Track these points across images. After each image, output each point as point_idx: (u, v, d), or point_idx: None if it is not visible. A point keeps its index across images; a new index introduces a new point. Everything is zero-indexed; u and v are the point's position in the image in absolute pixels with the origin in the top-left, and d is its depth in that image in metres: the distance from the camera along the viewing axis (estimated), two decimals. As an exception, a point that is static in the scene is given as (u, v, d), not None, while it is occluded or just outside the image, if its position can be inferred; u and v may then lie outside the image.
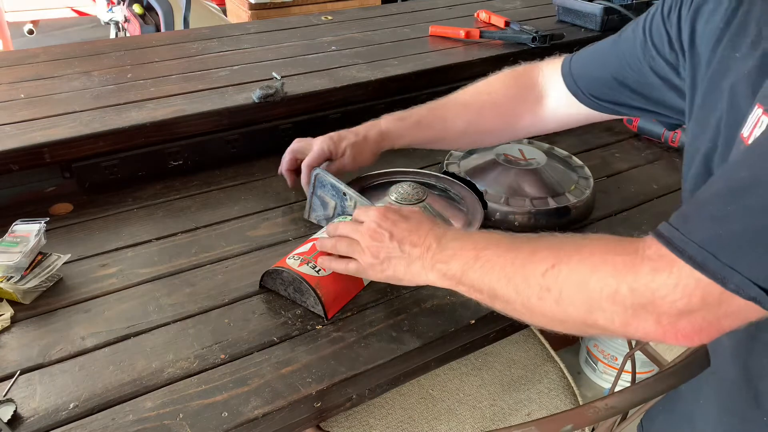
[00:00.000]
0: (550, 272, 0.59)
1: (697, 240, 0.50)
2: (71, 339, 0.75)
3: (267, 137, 1.19)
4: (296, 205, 1.04)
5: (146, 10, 2.86)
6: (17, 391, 0.68)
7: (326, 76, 1.27)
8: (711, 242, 0.49)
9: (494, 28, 1.58)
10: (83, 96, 1.17)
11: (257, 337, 0.76)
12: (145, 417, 0.65)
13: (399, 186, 0.98)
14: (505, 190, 1.01)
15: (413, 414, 0.98)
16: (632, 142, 1.30)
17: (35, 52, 1.38)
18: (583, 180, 1.07)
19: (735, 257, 0.48)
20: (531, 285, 0.60)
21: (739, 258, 0.48)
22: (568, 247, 0.60)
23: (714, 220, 0.50)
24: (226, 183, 1.10)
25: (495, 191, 1.01)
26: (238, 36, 1.52)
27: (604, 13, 1.52)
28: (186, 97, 1.16)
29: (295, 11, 2.58)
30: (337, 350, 0.75)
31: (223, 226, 0.98)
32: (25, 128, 1.04)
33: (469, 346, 0.83)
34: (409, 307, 0.83)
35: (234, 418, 0.66)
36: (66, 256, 0.86)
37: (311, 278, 0.79)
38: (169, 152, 1.11)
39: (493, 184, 1.02)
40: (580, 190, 1.04)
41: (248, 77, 1.26)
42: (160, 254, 0.91)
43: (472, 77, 1.39)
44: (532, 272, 0.60)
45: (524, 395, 1.03)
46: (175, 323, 0.78)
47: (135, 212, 1.01)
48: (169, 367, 0.72)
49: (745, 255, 0.48)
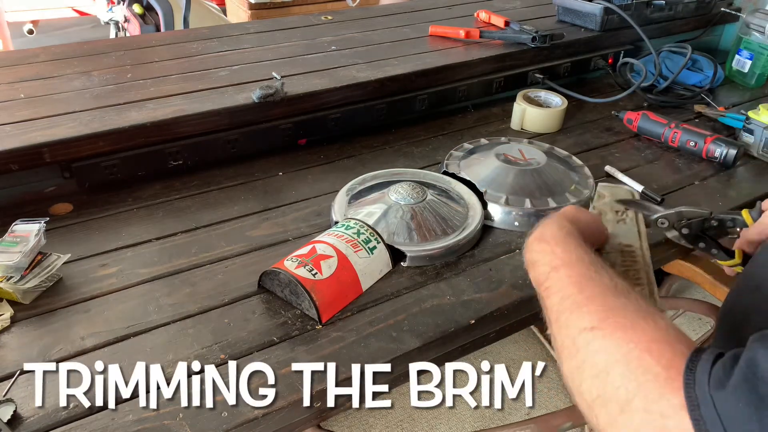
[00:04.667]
0: (587, 334, 0.54)
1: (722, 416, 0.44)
2: (71, 339, 0.75)
3: (267, 137, 1.19)
4: (296, 205, 1.04)
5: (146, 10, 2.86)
6: (17, 391, 0.68)
7: (326, 75, 1.27)
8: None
9: (494, 28, 1.58)
10: (83, 96, 1.16)
11: (257, 337, 0.76)
12: (145, 417, 0.65)
13: (399, 186, 0.98)
14: (505, 190, 1.01)
15: (413, 413, 0.98)
16: (632, 142, 1.30)
17: (35, 52, 1.38)
18: (583, 180, 1.07)
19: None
20: (567, 335, 0.56)
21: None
22: (622, 314, 0.54)
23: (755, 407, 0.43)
24: (226, 183, 1.10)
25: (495, 191, 1.01)
26: (238, 36, 1.52)
27: (604, 13, 1.52)
28: (186, 97, 1.16)
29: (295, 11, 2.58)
30: (337, 350, 0.75)
31: (223, 226, 0.98)
32: (25, 128, 1.04)
33: (468, 346, 0.83)
34: (409, 307, 0.83)
35: (234, 418, 0.66)
36: (66, 256, 0.86)
37: (307, 281, 0.79)
38: (169, 152, 1.11)
39: (493, 184, 1.02)
40: (579, 190, 1.04)
41: (248, 77, 1.26)
42: (160, 254, 0.91)
43: (471, 77, 1.40)
44: (575, 323, 0.56)
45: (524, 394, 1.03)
46: (175, 323, 0.78)
47: (135, 212, 1.01)
48: (169, 367, 0.72)
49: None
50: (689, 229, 0.79)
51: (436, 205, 0.96)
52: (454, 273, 0.89)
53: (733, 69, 1.61)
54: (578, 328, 0.55)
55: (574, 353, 0.54)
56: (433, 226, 0.93)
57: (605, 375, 0.51)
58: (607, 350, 0.52)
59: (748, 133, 1.25)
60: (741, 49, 1.58)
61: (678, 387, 0.46)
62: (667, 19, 1.65)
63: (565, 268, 0.62)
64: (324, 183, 1.10)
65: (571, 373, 0.55)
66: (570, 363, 0.55)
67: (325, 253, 0.83)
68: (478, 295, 0.85)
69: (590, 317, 0.55)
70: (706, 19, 1.74)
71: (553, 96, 1.36)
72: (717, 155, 1.20)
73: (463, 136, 1.28)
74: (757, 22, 1.53)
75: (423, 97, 1.34)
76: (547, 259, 0.64)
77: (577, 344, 0.54)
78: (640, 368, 0.49)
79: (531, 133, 1.32)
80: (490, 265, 0.91)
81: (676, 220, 0.79)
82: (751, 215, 0.75)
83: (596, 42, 1.56)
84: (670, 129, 1.25)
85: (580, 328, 0.55)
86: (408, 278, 0.88)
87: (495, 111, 1.42)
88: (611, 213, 0.84)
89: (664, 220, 0.80)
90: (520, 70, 1.45)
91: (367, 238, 0.87)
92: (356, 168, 1.14)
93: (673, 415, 0.45)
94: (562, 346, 0.56)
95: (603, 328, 0.53)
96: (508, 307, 0.84)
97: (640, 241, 0.77)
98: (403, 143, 1.26)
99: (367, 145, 1.24)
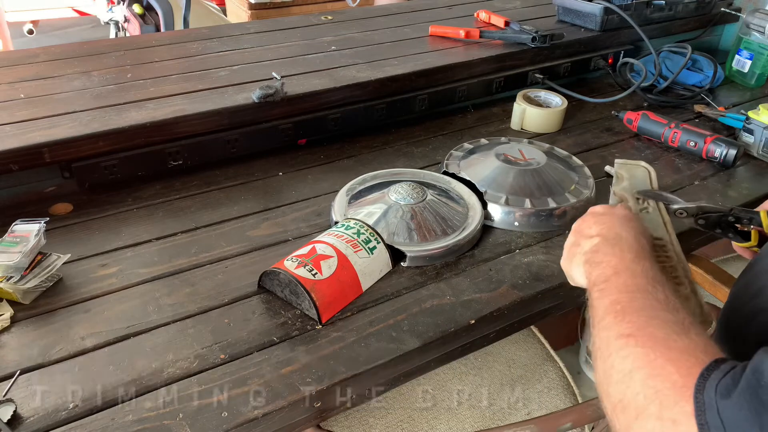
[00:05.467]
0: (622, 340, 0.55)
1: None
2: (71, 339, 0.75)
3: (267, 137, 1.19)
4: (296, 205, 1.04)
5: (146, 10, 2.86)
6: (17, 391, 0.68)
7: (326, 75, 1.27)
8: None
9: (494, 28, 1.58)
10: (83, 96, 1.16)
11: (257, 337, 0.77)
12: (145, 417, 0.65)
13: (399, 186, 0.98)
14: (505, 190, 1.01)
15: (413, 413, 0.98)
16: (632, 142, 1.30)
17: (35, 52, 1.38)
18: (583, 180, 1.07)
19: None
20: (606, 337, 0.57)
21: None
22: (661, 327, 0.55)
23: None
24: (226, 183, 1.10)
25: (495, 191, 1.01)
26: (238, 36, 1.52)
27: (604, 13, 1.52)
28: (186, 97, 1.16)
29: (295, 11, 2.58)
30: (337, 350, 0.75)
31: (223, 226, 0.98)
32: (25, 128, 1.04)
33: (469, 345, 0.83)
34: (409, 307, 0.83)
35: (234, 418, 0.66)
36: (66, 256, 0.86)
37: (307, 281, 0.79)
38: (169, 152, 1.11)
39: (493, 184, 1.02)
40: (579, 190, 1.04)
41: (248, 77, 1.26)
42: (160, 254, 0.91)
43: (471, 77, 1.40)
44: (615, 328, 0.57)
45: (524, 394, 1.04)
46: (174, 323, 0.78)
47: (135, 212, 1.01)
48: (169, 367, 0.72)
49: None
50: (705, 220, 0.81)
51: (436, 205, 0.96)
52: (454, 273, 0.90)
53: (733, 69, 1.61)
54: (617, 333, 0.56)
55: (606, 356, 0.56)
56: (433, 226, 0.93)
57: (629, 380, 0.52)
58: (635, 357, 0.53)
59: (748, 133, 1.25)
60: (741, 49, 1.58)
61: (691, 394, 0.47)
62: (667, 19, 1.65)
63: (627, 275, 0.63)
64: (324, 183, 1.10)
65: (602, 375, 0.56)
66: (602, 365, 0.56)
67: (325, 253, 0.83)
68: (478, 295, 0.85)
69: (630, 325, 0.56)
70: (706, 19, 1.74)
71: (553, 96, 1.36)
72: (717, 155, 1.20)
73: (463, 136, 1.28)
74: (757, 22, 1.53)
75: (423, 97, 1.34)
76: (614, 261, 0.65)
77: (610, 348, 0.55)
78: (660, 376, 0.50)
79: (531, 133, 1.32)
80: (489, 265, 0.91)
81: (695, 213, 0.81)
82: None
83: (596, 42, 1.56)
84: (670, 129, 1.25)
85: (618, 333, 0.56)
86: (408, 278, 0.88)
87: (495, 111, 1.42)
88: (633, 201, 0.84)
89: (683, 212, 0.81)
90: (520, 70, 1.46)
91: (367, 238, 0.87)
92: (356, 168, 1.14)
93: (684, 422, 0.46)
94: (599, 347, 0.58)
95: (638, 336, 0.54)
96: (508, 307, 0.84)
97: (668, 234, 0.78)
98: (403, 143, 1.26)
99: (367, 145, 1.24)
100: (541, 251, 0.95)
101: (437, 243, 0.91)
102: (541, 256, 0.93)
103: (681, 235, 0.89)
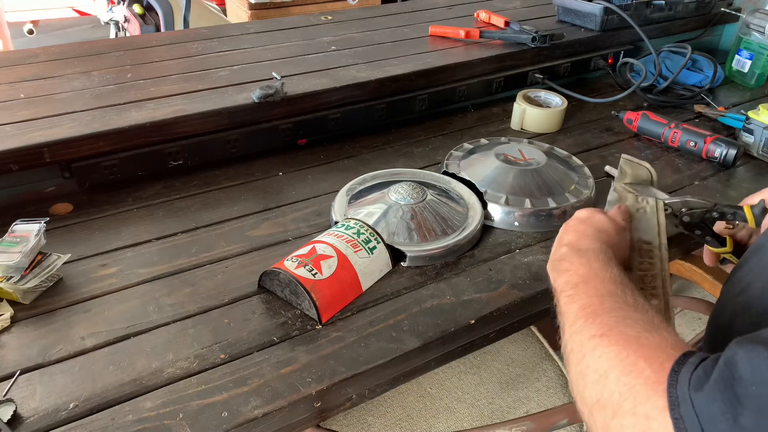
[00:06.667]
0: (595, 340, 0.55)
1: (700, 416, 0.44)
2: (71, 339, 0.75)
3: (267, 137, 1.19)
4: (296, 205, 1.04)
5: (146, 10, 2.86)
6: (17, 391, 0.68)
7: (326, 75, 1.27)
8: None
9: (494, 28, 1.58)
10: (83, 96, 1.17)
11: (257, 337, 0.77)
12: (145, 417, 0.66)
13: (399, 186, 0.98)
14: (505, 190, 1.01)
15: (411, 412, 0.98)
16: (632, 142, 1.30)
17: (35, 52, 1.38)
18: (583, 180, 1.07)
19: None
20: (578, 340, 0.58)
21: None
22: (632, 326, 0.55)
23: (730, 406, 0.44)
24: (226, 183, 1.10)
25: (495, 191, 1.01)
26: (238, 36, 1.52)
27: (604, 13, 1.52)
28: (186, 97, 1.16)
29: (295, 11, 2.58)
30: (337, 350, 0.75)
31: (223, 226, 0.98)
32: (25, 128, 1.04)
33: (468, 346, 0.83)
34: (409, 307, 0.83)
35: (234, 418, 0.66)
36: (66, 256, 0.86)
37: (307, 281, 0.79)
38: (169, 152, 1.11)
39: (493, 184, 1.02)
40: (579, 190, 1.04)
41: (248, 77, 1.26)
42: (160, 254, 0.91)
43: (471, 77, 1.41)
44: (587, 330, 0.57)
45: (522, 393, 1.04)
46: (175, 323, 0.78)
47: (135, 212, 1.01)
48: (169, 367, 0.72)
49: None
50: (690, 217, 0.81)
51: (436, 205, 0.96)
52: (454, 273, 0.90)
53: (733, 69, 1.61)
54: (588, 335, 0.56)
55: (580, 358, 0.56)
56: (433, 226, 0.93)
57: (604, 380, 0.52)
58: (608, 356, 0.53)
59: (747, 133, 1.25)
60: (741, 49, 1.58)
61: (664, 389, 0.47)
62: (667, 19, 1.65)
63: (597, 281, 0.64)
64: (324, 183, 1.10)
65: (576, 378, 0.56)
66: (576, 368, 0.56)
67: (325, 253, 0.83)
68: (478, 295, 0.85)
69: (602, 326, 0.56)
70: (706, 19, 1.74)
71: (553, 96, 1.37)
72: (717, 155, 1.20)
73: (463, 136, 1.28)
74: (757, 22, 1.53)
75: (423, 97, 1.34)
76: (581, 270, 0.66)
77: (584, 349, 0.56)
78: (633, 373, 0.50)
79: (531, 133, 1.32)
80: (489, 265, 0.91)
81: (679, 208, 0.81)
82: (753, 211, 0.76)
83: (596, 42, 1.56)
84: (669, 129, 1.25)
85: (590, 334, 0.56)
86: (408, 278, 0.88)
87: (495, 111, 1.42)
88: (631, 197, 0.85)
89: (668, 207, 0.82)
90: (520, 70, 1.46)
91: (367, 238, 0.87)
92: (356, 168, 1.15)
93: (657, 417, 0.46)
94: (572, 351, 0.58)
95: (610, 336, 0.55)
96: (508, 307, 0.84)
97: (659, 238, 0.78)
98: (403, 143, 1.26)
99: (367, 145, 1.24)
100: (541, 251, 0.95)
101: (437, 243, 0.91)
102: (541, 256, 0.93)
103: (677, 236, 0.89)
